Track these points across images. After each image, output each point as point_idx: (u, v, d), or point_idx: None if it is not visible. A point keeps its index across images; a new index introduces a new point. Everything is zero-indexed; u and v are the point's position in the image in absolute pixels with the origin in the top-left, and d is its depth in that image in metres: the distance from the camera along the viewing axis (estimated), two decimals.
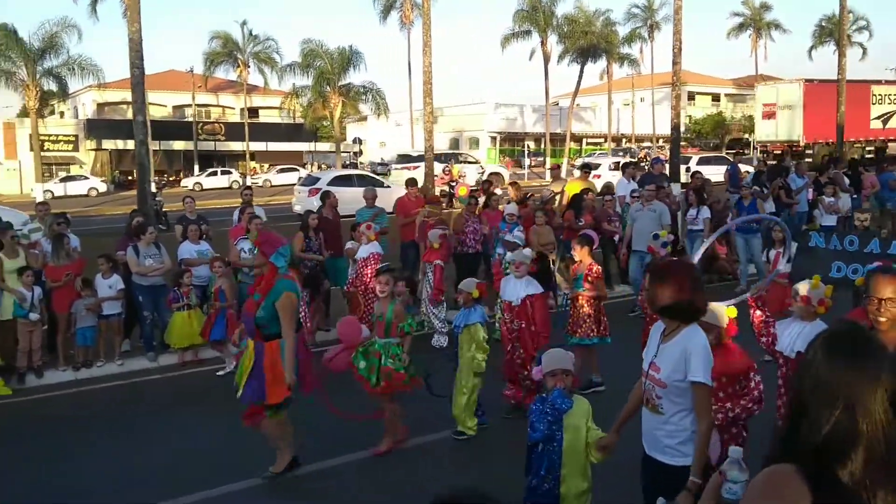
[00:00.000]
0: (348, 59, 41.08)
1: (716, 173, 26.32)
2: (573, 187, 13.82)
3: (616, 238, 12.48)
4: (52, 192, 41.43)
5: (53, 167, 49.28)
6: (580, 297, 7.77)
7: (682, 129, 30.38)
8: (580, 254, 7.88)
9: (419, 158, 36.34)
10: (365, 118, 58.20)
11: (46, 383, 9.02)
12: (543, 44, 47.26)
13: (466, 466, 6.18)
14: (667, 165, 17.56)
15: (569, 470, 4.26)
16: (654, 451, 3.65)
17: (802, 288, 4.86)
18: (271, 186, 47.04)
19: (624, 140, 64.08)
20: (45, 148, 43.96)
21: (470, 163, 36.24)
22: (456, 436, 6.67)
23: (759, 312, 4.98)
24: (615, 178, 20.41)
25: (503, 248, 10.66)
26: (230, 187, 45.30)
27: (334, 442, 6.52)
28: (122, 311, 9.70)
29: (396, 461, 6.27)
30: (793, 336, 4.78)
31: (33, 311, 8.96)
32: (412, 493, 5.61)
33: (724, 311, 4.64)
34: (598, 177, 23.11)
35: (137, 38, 15.78)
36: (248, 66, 47.31)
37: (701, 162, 32.00)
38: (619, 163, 25.93)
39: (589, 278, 7.69)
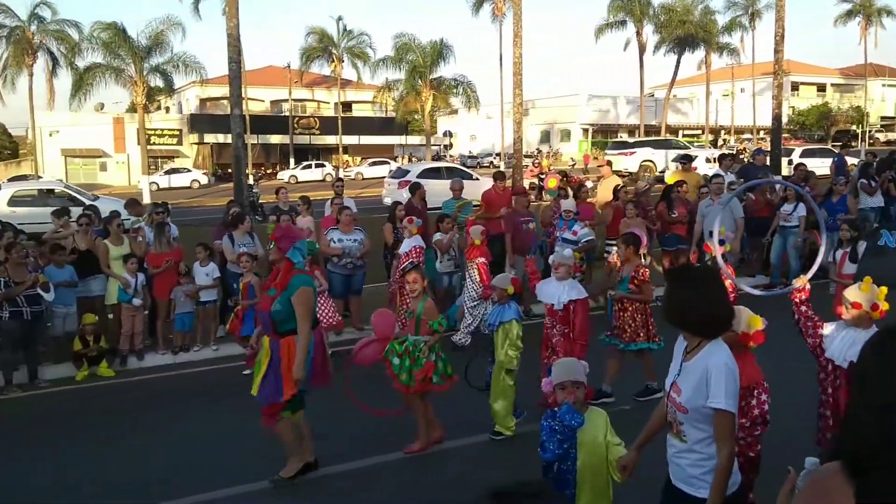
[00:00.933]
0: (439, 52, 41.27)
1: (820, 166, 25.19)
2: (672, 179, 13.50)
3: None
4: (157, 183, 43.38)
5: (159, 160, 51.56)
6: (624, 300, 7.35)
7: (785, 120, 29.16)
8: (626, 254, 7.40)
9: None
10: (456, 111, 58.40)
11: (146, 366, 9.44)
12: (639, 34, 46.26)
13: (497, 469, 5.86)
14: (768, 157, 16.91)
15: (587, 489, 3.92)
16: (678, 480, 3.28)
17: (851, 294, 4.40)
18: (363, 179, 47.80)
19: (722, 132, 62.08)
20: (151, 142, 46.02)
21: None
22: (493, 436, 6.51)
23: (804, 308, 4.58)
24: (711, 170, 19.80)
25: (560, 246, 10.27)
26: (323, 180, 46.26)
27: (364, 441, 6.45)
28: (217, 298, 10.05)
29: (426, 463, 6.13)
30: (845, 344, 4.35)
31: (136, 297, 9.39)
32: (437, 495, 5.49)
33: (747, 317, 4.29)
34: (695, 169, 22.45)
35: (235, 33, 16.29)
36: (343, 61, 48.17)
37: (805, 154, 30.67)
38: (715, 155, 25.11)
39: (635, 280, 7.22)
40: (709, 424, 3.13)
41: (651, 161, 33.85)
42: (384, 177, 34.26)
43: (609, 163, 19.47)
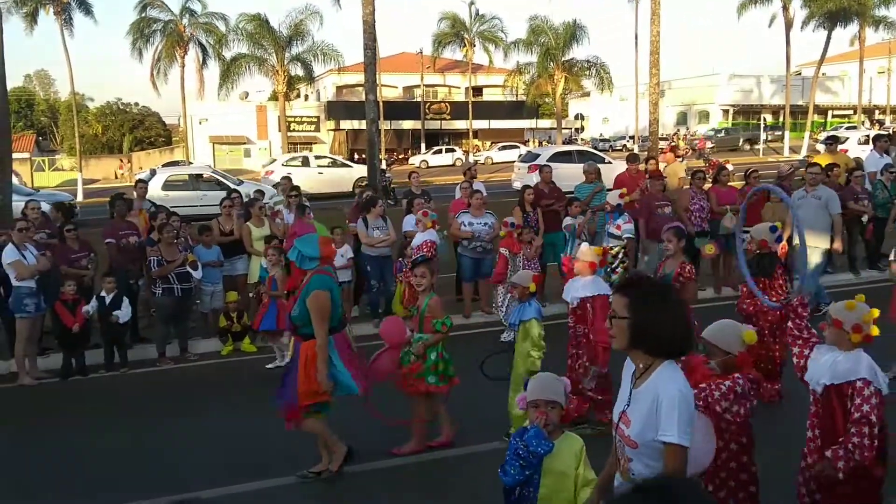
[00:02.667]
0: (573, 33, 40.60)
1: None
2: (820, 161, 12.72)
3: (864, 218, 11.30)
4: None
5: (298, 146, 53.67)
6: None
7: None
8: (675, 248, 6.70)
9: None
10: (588, 93, 57.33)
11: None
12: (786, 9, 43.58)
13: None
14: None
15: None
16: None
17: (834, 309, 3.85)
18: (492, 163, 47.86)
19: (877, 112, 57.81)
20: (290, 129, 47.91)
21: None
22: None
23: (798, 322, 3.99)
24: (864, 152, 18.48)
25: (609, 240, 9.90)
26: (454, 165, 46.69)
27: (394, 441, 6.19)
28: (351, 279, 10.35)
29: (457, 464, 5.93)
30: (823, 367, 3.85)
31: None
32: (464, 498, 5.31)
33: (743, 335, 3.80)
34: (846, 151, 21.05)
35: (371, 20, 16.64)
36: (474, 46, 48.27)
37: None
38: (869, 135, 23.41)
39: (680, 278, 6.47)
40: (661, 462, 2.75)
41: None
42: (514, 161, 34.14)
43: (674, 148, 18.32)
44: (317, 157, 31.43)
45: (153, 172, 26.28)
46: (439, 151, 51.62)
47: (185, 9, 40.21)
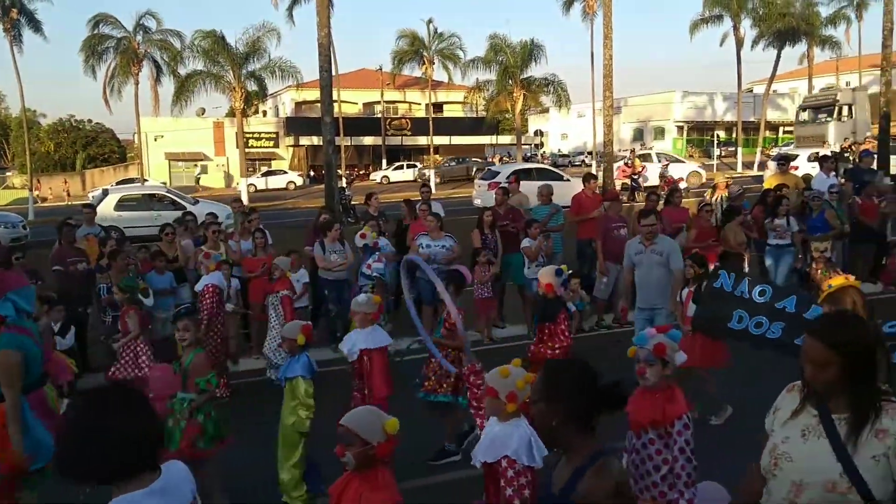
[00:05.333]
0: (530, 52, 40.97)
1: None
2: (770, 182, 12.98)
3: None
4: (254, 185, 44.79)
5: (256, 162, 53.25)
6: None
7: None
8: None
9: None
10: (546, 110, 57.88)
11: (241, 370, 9.68)
12: (736, 28, 44.61)
13: None
14: (875, 157, 16.03)
15: None
16: None
17: (489, 377, 3.65)
18: (451, 179, 48.09)
19: None
20: (248, 145, 47.53)
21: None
22: None
23: (474, 390, 3.89)
24: (815, 169, 18.89)
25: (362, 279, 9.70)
26: (415, 180, 46.74)
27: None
28: (307, 304, 10.22)
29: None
30: (483, 441, 3.75)
31: (229, 302, 9.64)
32: None
33: (385, 424, 3.34)
34: (796, 168, 21.51)
35: (326, 42, 16.60)
36: (433, 63, 48.45)
37: None
38: (818, 154, 23.96)
39: (447, 324, 6.14)
40: None
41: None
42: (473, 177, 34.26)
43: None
44: None
45: (105, 192, 25.79)
46: (400, 167, 51.65)
47: (138, 25, 39.73)
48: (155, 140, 50.74)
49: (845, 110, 35.30)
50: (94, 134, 66.41)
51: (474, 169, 46.95)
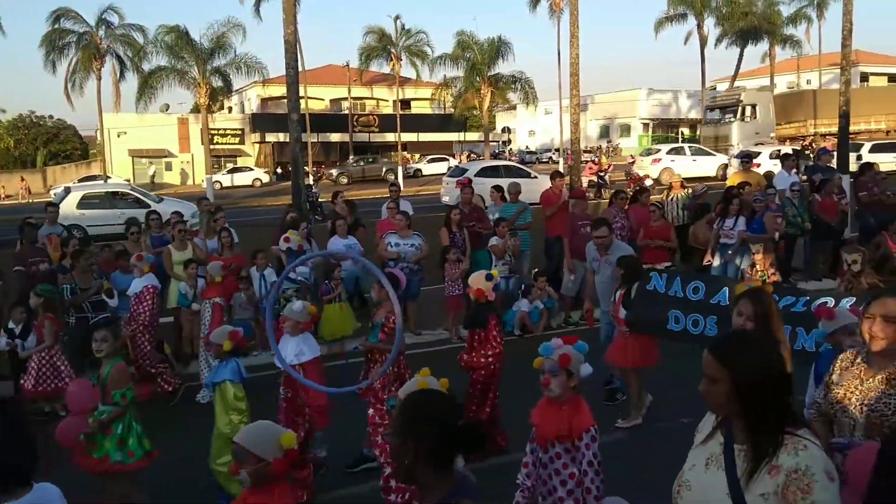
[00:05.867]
0: (497, 49, 41.09)
1: (893, 161, 24.26)
2: (734, 180, 13.17)
3: (776, 236, 11.73)
4: (220, 182, 44.32)
5: (222, 159, 52.68)
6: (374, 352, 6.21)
7: None
8: (379, 294, 6.11)
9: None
10: (514, 107, 58.08)
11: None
12: (700, 27, 45.26)
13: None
14: (834, 155, 16.37)
15: None
16: None
17: (408, 389, 3.30)
18: (422, 176, 48.03)
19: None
20: (214, 141, 47.00)
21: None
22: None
23: (379, 406, 3.81)
24: (777, 166, 19.23)
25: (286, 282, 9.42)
26: (383, 178, 46.63)
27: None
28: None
29: None
30: None
31: (195, 301, 9.55)
32: None
33: (281, 439, 3.28)
34: (758, 166, 21.87)
35: (292, 40, 16.46)
36: (401, 60, 48.34)
37: (875, 149, 29.54)
38: (780, 151, 24.39)
39: (385, 328, 6.01)
40: None
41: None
42: (443, 174, 34.26)
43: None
44: None
45: (67, 190, 25.34)
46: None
47: (101, 20, 39.07)
48: (118, 137, 49.96)
49: (748, 111, 35.60)
50: (55, 130, 65.20)
51: (384, 169, 46.88)
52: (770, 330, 3.87)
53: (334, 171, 47.00)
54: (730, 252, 10.75)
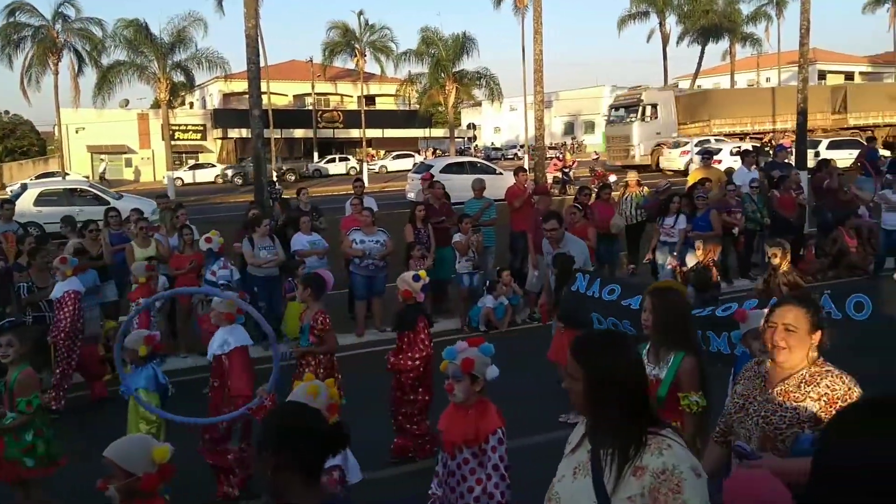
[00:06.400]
0: (462, 45, 41.12)
1: (849, 157, 24.67)
2: (695, 176, 13.30)
3: (735, 231, 11.91)
4: (181, 179, 43.68)
5: (183, 155, 51.92)
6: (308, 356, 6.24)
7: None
8: (304, 297, 6.28)
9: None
10: (479, 104, 58.14)
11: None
12: (662, 25, 45.81)
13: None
14: (792, 152, 16.65)
15: None
16: None
17: (296, 395, 3.64)
18: (387, 172, 47.85)
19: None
20: (175, 137, 46.33)
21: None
22: None
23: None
24: (737, 162, 19.51)
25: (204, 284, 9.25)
26: (348, 174, 46.37)
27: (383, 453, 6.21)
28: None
29: None
30: None
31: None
32: None
33: (153, 453, 3.15)
34: (719, 162, 22.18)
35: (254, 34, 16.27)
36: (365, 55, 48.15)
37: (832, 146, 30.13)
38: (740, 148, 24.72)
39: (315, 330, 6.04)
40: None
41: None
42: (409, 170, 34.20)
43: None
44: None
45: (24, 187, 24.80)
46: (333, 160, 51.10)
47: (57, 14, 38.25)
48: (76, 133, 48.97)
49: (649, 110, 35.79)
50: (11, 126, 63.75)
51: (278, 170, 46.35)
52: (675, 327, 3.76)
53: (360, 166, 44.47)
54: (675, 252, 10.87)
